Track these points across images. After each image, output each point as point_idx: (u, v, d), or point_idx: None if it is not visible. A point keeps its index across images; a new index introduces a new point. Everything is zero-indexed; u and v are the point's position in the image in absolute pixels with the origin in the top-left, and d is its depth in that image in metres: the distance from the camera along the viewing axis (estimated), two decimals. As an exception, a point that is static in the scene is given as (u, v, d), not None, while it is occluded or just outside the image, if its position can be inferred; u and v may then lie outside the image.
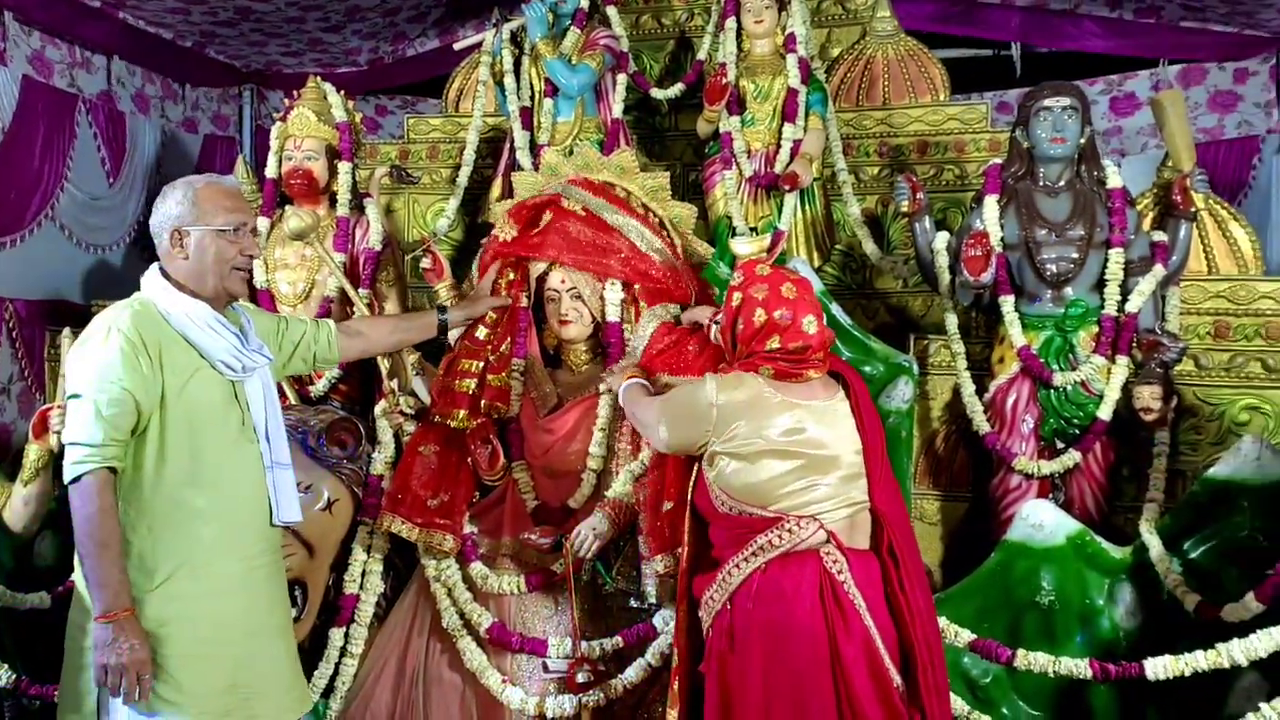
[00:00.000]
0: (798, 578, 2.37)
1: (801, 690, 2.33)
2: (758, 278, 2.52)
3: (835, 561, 2.39)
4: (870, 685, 2.33)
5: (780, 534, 2.39)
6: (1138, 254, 3.60)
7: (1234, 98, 5.41)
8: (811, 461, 2.42)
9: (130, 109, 5.88)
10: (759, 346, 2.47)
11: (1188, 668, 2.72)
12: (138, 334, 2.46)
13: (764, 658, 2.36)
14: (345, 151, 4.01)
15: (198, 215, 2.57)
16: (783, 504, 2.41)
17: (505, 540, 3.19)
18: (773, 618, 2.37)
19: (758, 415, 2.42)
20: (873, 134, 4.78)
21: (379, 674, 3.17)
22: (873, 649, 2.36)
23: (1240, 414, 3.70)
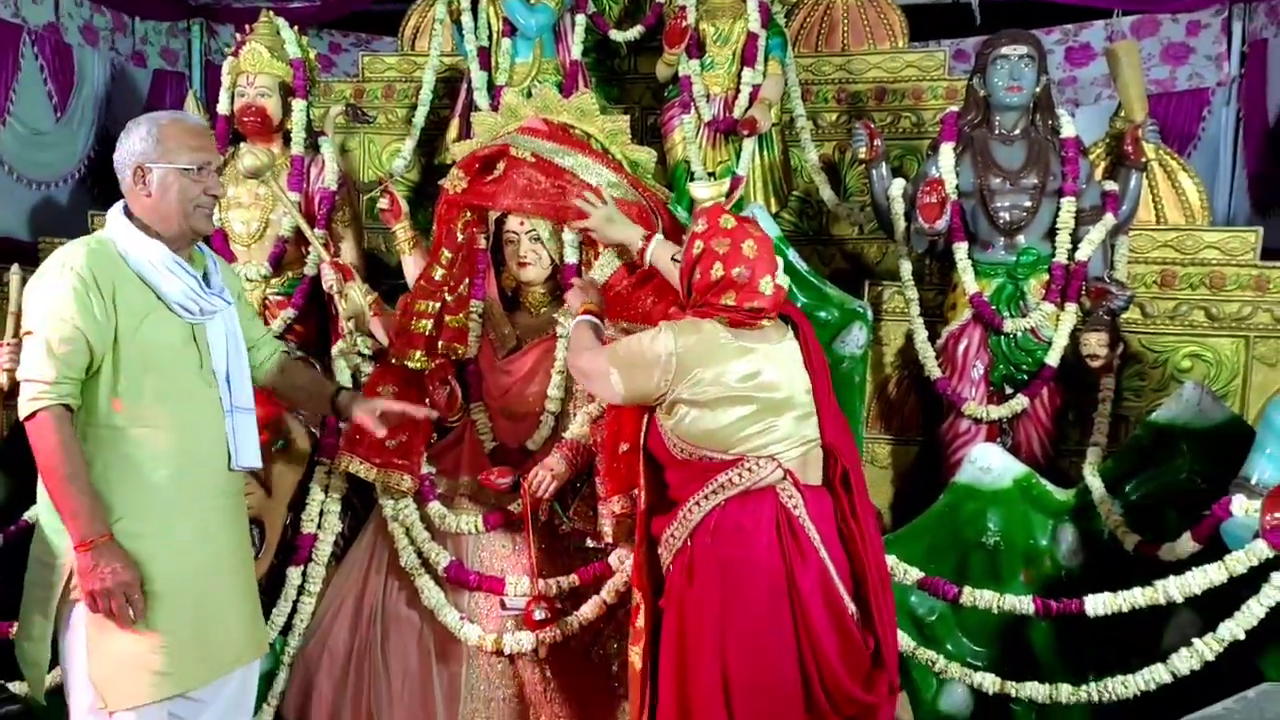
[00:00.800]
0: (755, 514, 2.42)
1: (758, 622, 2.39)
2: (721, 230, 2.50)
3: (791, 497, 2.43)
4: (826, 615, 2.39)
5: (740, 473, 2.43)
6: (1089, 203, 3.66)
7: (1186, 50, 5.46)
8: (768, 404, 2.46)
9: (78, 41, 5.70)
10: (714, 299, 2.48)
11: (1126, 604, 2.81)
12: (90, 273, 2.42)
13: (722, 591, 2.41)
14: (299, 88, 3.94)
15: (161, 152, 2.52)
16: (741, 447, 2.44)
17: (463, 480, 3.21)
18: (731, 553, 2.41)
19: (716, 361, 2.44)
20: (831, 80, 4.79)
21: (336, 612, 3.19)
22: (828, 580, 2.42)
23: (1183, 361, 3.81)
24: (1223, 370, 3.78)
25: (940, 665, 3.07)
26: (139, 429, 2.46)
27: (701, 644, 2.41)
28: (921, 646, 3.13)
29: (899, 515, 3.93)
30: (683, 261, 2.57)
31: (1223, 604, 2.76)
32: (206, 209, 2.59)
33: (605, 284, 3.06)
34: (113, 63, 5.97)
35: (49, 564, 2.46)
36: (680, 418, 2.47)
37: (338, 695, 3.13)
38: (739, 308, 2.47)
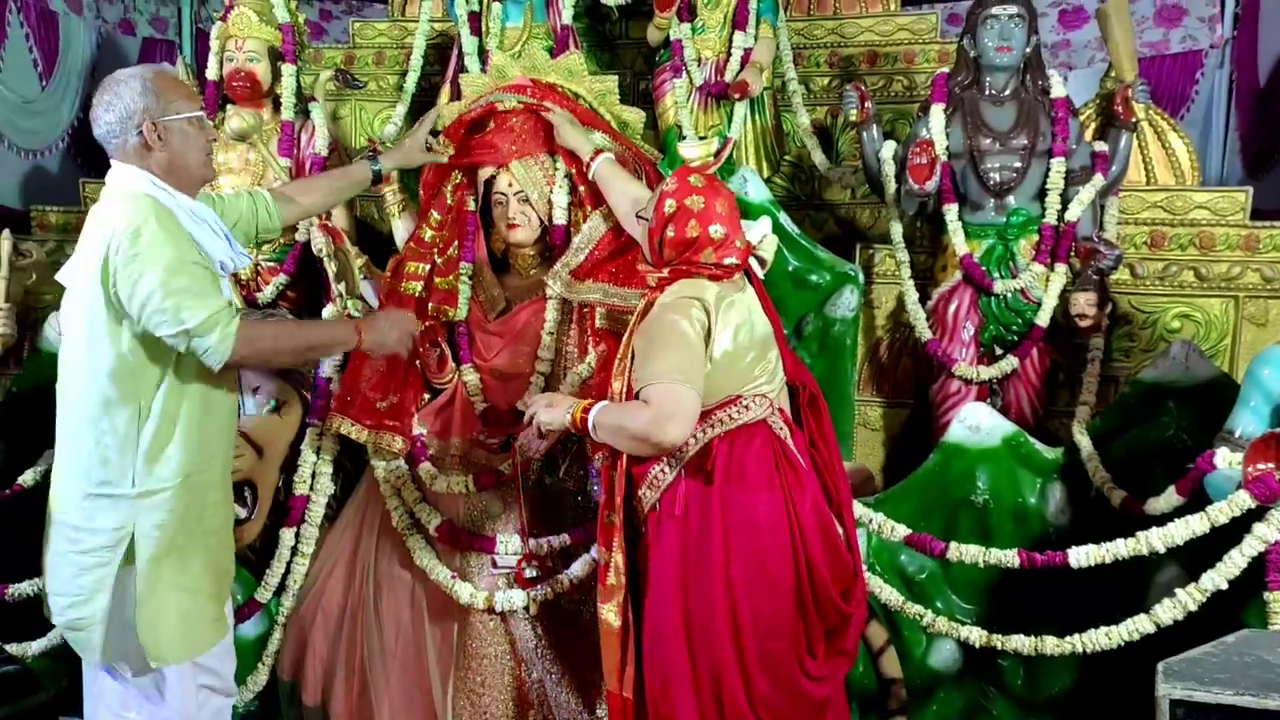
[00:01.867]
0: (750, 444, 2.47)
1: (763, 545, 2.43)
2: (693, 188, 2.52)
3: (781, 430, 2.52)
4: (819, 535, 2.49)
5: (735, 411, 2.47)
6: (1079, 163, 3.66)
7: (1180, 12, 5.45)
8: (760, 348, 2.52)
9: (63, 9, 5.66)
10: (693, 257, 2.51)
11: (1109, 555, 2.83)
12: (170, 220, 2.45)
13: (723, 517, 2.44)
14: (288, 53, 3.92)
15: (165, 105, 2.49)
16: (743, 388, 2.50)
17: (454, 441, 3.23)
18: (731, 480, 2.45)
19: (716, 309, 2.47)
20: (823, 44, 4.77)
21: (330, 572, 3.23)
22: (820, 502, 2.53)
23: (1172, 322, 3.82)
24: (1212, 330, 3.80)
25: (928, 620, 3.10)
26: (198, 383, 2.51)
27: (708, 567, 2.43)
28: (909, 602, 3.15)
29: (891, 477, 3.94)
30: (652, 220, 2.57)
31: (1208, 560, 2.78)
32: (211, 156, 2.64)
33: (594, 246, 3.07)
34: (99, 30, 5.93)
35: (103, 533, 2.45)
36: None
37: (332, 654, 3.17)
38: (718, 264, 2.49)
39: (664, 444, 2.38)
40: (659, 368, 2.38)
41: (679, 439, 2.39)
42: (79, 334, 2.49)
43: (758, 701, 2.44)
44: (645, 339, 2.46)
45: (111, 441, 2.44)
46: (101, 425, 2.44)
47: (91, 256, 2.43)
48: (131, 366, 2.44)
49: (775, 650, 2.45)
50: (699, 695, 2.45)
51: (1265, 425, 2.80)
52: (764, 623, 2.43)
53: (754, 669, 2.43)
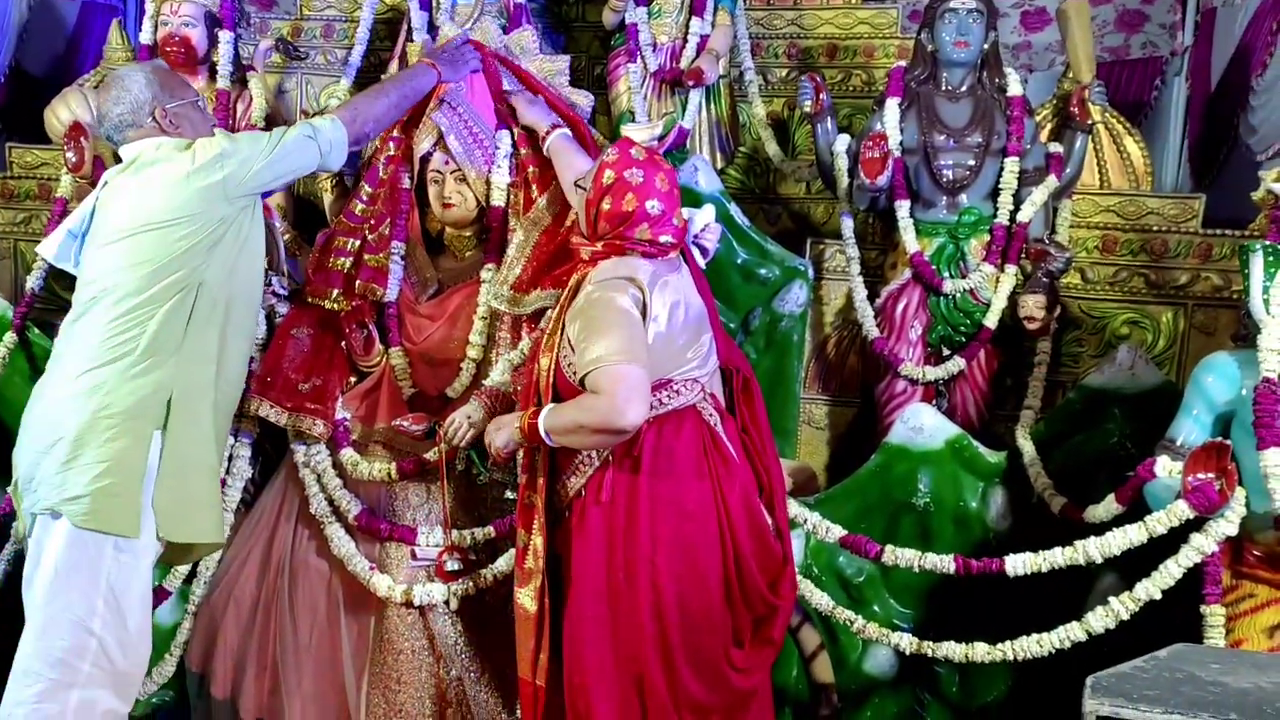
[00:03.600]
0: (679, 432, 2.43)
1: (690, 534, 2.40)
2: (633, 160, 2.46)
3: (711, 415, 2.48)
4: (746, 523, 2.46)
5: (666, 395, 2.42)
6: (1033, 164, 3.60)
7: (1141, 18, 5.40)
8: (694, 331, 2.47)
9: (-11, -31, 5.46)
10: (627, 232, 2.44)
11: (1046, 564, 2.78)
12: None
13: (652, 507, 2.39)
14: (227, 19, 3.82)
15: (171, 93, 2.79)
16: (672, 372, 2.44)
17: (378, 427, 3.12)
18: (659, 467, 2.41)
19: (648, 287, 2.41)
20: (782, 35, 4.69)
21: (244, 560, 3.11)
22: (750, 490, 2.50)
23: (1122, 328, 3.77)
24: (1160, 338, 3.75)
25: (859, 625, 3.03)
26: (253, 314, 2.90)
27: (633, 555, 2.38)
28: (840, 606, 3.09)
29: (835, 477, 3.86)
30: (590, 190, 2.50)
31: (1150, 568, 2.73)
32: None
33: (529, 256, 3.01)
34: None
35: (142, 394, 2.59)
36: None
37: (243, 645, 3.06)
38: (654, 240, 2.43)
39: (627, 429, 2.29)
40: (602, 351, 2.28)
41: (639, 420, 2.29)
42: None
43: (680, 693, 2.40)
44: (583, 322, 2.36)
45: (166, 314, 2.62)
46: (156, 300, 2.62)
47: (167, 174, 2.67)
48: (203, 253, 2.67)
49: (701, 642, 2.42)
50: (621, 686, 2.39)
51: (1207, 434, 2.75)
52: (690, 614, 2.41)
53: (679, 660, 2.39)
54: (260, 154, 2.73)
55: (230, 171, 2.67)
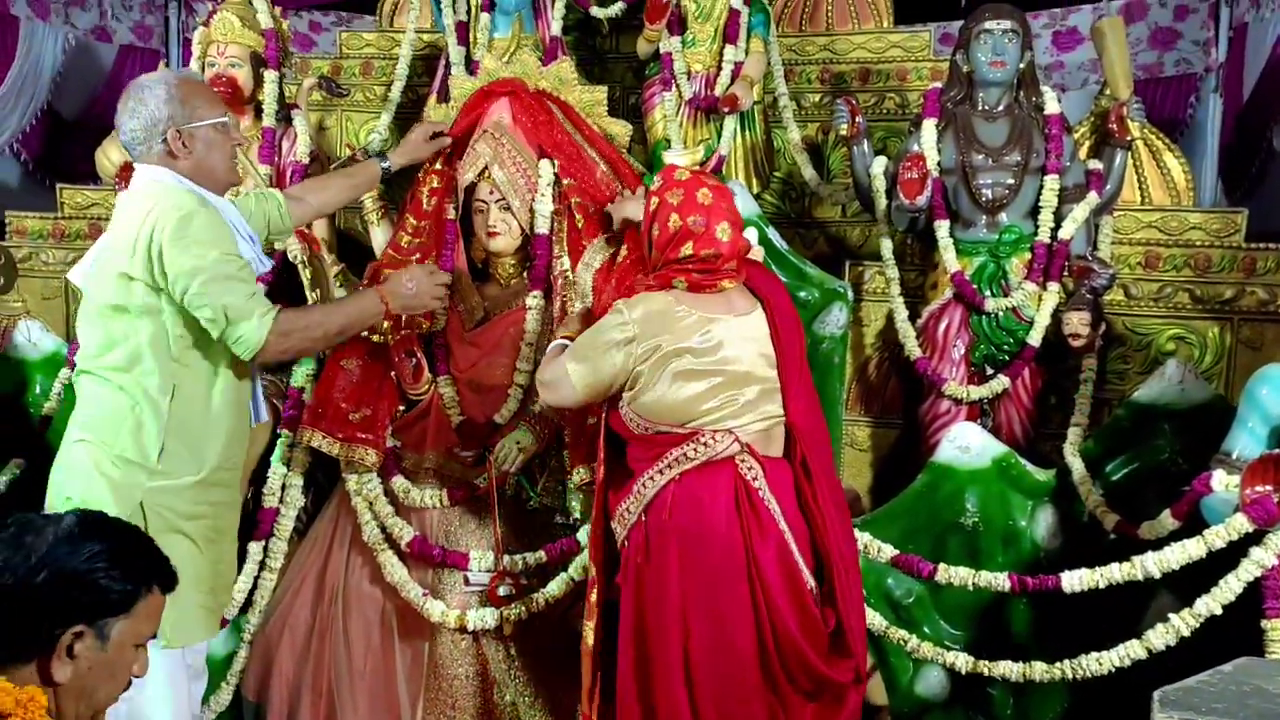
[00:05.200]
0: (713, 485, 2.36)
1: (718, 595, 2.33)
2: (675, 182, 2.46)
3: (750, 469, 2.38)
4: (785, 587, 2.34)
5: (695, 447, 2.37)
6: (1073, 181, 3.60)
7: (1174, 35, 5.41)
8: (729, 379, 2.39)
9: (26, 14, 5.59)
10: (672, 254, 2.42)
11: (1103, 580, 2.75)
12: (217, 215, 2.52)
13: (680, 565, 2.34)
14: (271, 59, 3.87)
15: (192, 111, 2.53)
16: (699, 421, 2.38)
17: (428, 454, 3.14)
18: (688, 526, 2.35)
19: (674, 331, 2.37)
20: (815, 60, 4.72)
21: (298, 588, 3.13)
22: (787, 552, 2.36)
23: (1167, 344, 3.75)
24: (1207, 353, 3.72)
25: (913, 645, 3.01)
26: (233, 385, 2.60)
27: (663, 619, 2.35)
28: (894, 626, 3.06)
29: (878, 499, 3.86)
30: (643, 222, 2.51)
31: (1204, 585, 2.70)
32: (235, 160, 2.67)
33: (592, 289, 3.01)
34: (69, 37, 5.85)
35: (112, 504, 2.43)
36: (639, 391, 2.40)
37: (298, 673, 3.07)
38: (696, 256, 2.40)
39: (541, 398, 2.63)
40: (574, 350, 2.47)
41: (546, 403, 2.64)
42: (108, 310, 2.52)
43: None
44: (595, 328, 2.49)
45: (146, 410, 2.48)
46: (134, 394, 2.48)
47: (129, 239, 2.45)
48: (167, 347, 2.49)
49: (734, 712, 2.32)
50: None
51: (1263, 447, 2.72)
52: (723, 685, 2.31)
53: None
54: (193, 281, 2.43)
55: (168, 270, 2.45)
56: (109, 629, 1.66)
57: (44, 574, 1.61)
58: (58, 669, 1.62)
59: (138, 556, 1.73)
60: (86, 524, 1.70)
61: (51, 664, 1.62)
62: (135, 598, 1.69)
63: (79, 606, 1.64)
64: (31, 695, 1.55)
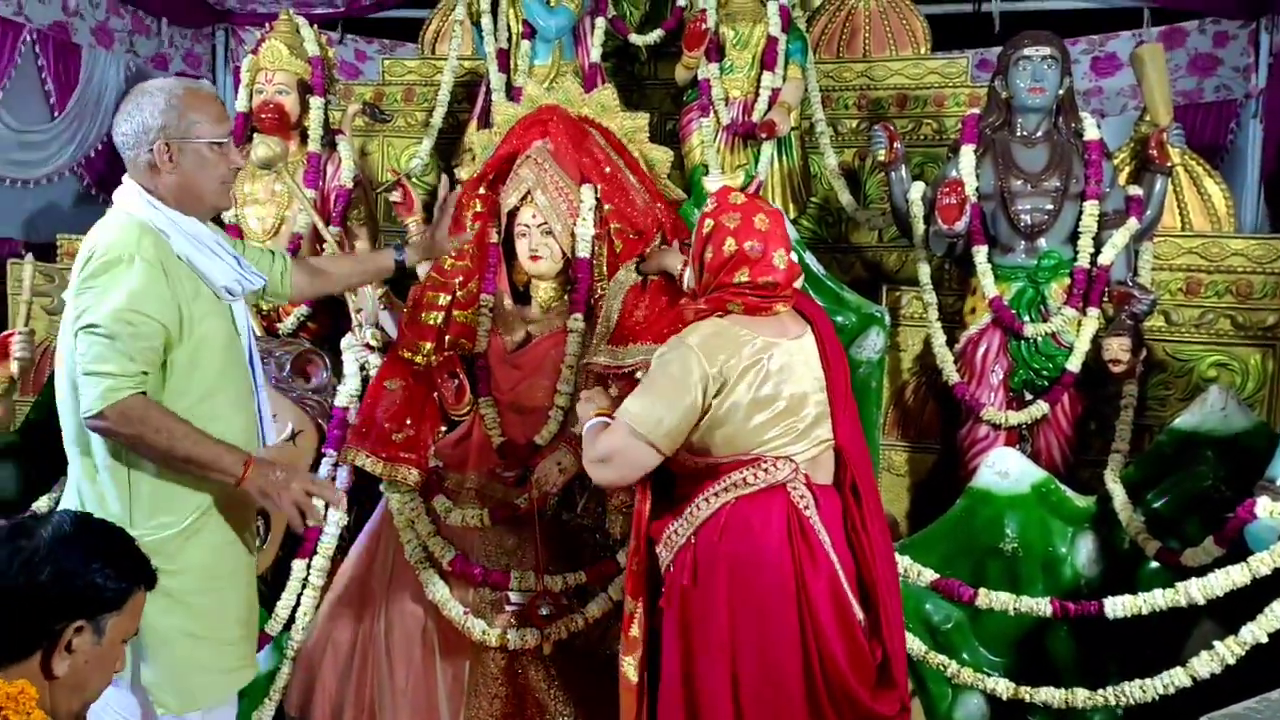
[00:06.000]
0: (766, 512, 2.32)
1: (767, 624, 2.29)
2: (731, 205, 2.42)
3: (802, 497, 2.34)
4: (834, 619, 2.30)
5: (755, 473, 2.32)
6: (1112, 207, 3.60)
7: (1214, 61, 5.40)
8: (789, 404, 2.35)
9: (89, 41, 5.75)
10: (727, 278, 2.38)
11: (1146, 606, 2.74)
12: (158, 260, 2.26)
13: (729, 591, 2.31)
14: (317, 86, 3.96)
15: (187, 126, 2.30)
16: (761, 448, 2.34)
17: (470, 474, 3.16)
18: (739, 551, 2.31)
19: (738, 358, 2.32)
20: (852, 86, 4.76)
21: (341, 606, 3.16)
22: (837, 583, 2.32)
23: (1209, 370, 3.74)
24: (1249, 380, 3.70)
25: (953, 670, 3.00)
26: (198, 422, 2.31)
27: (709, 642, 2.32)
28: (933, 651, 3.05)
29: (915, 524, 3.86)
30: (694, 244, 2.48)
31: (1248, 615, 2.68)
32: (229, 184, 2.44)
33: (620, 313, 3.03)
34: (129, 64, 6.01)
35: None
36: (707, 430, 2.34)
37: (341, 690, 3.09)
38: (753, 282, 2.36)
39: (598, 481, 2.47)
40: (631, 406, 2.35)
41: (608, 484, 2.50)
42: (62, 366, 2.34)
43: None
44: (655, 363, 2.39)
45: (107, 479, 2.31)
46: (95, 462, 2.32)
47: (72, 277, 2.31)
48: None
49: None
50: None
51: (1308, 474, 2.70)
52: (767, 700, 2.27)
53: None
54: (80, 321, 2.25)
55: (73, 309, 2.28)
56: (104, 624, 1.74)
57: (47, 571, 1.68)
58: (58, 663, 1.69)
59: (127, 555, 1.81)
60: (80, 524, 1.78)
61: (53, 658, 1.69)
62: (128, 594, 1.77)
63: (80, 602, 1.71)
64: (21, 688, 1.61)
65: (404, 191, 3.50)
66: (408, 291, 3.34)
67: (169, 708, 2.35)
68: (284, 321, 3.78)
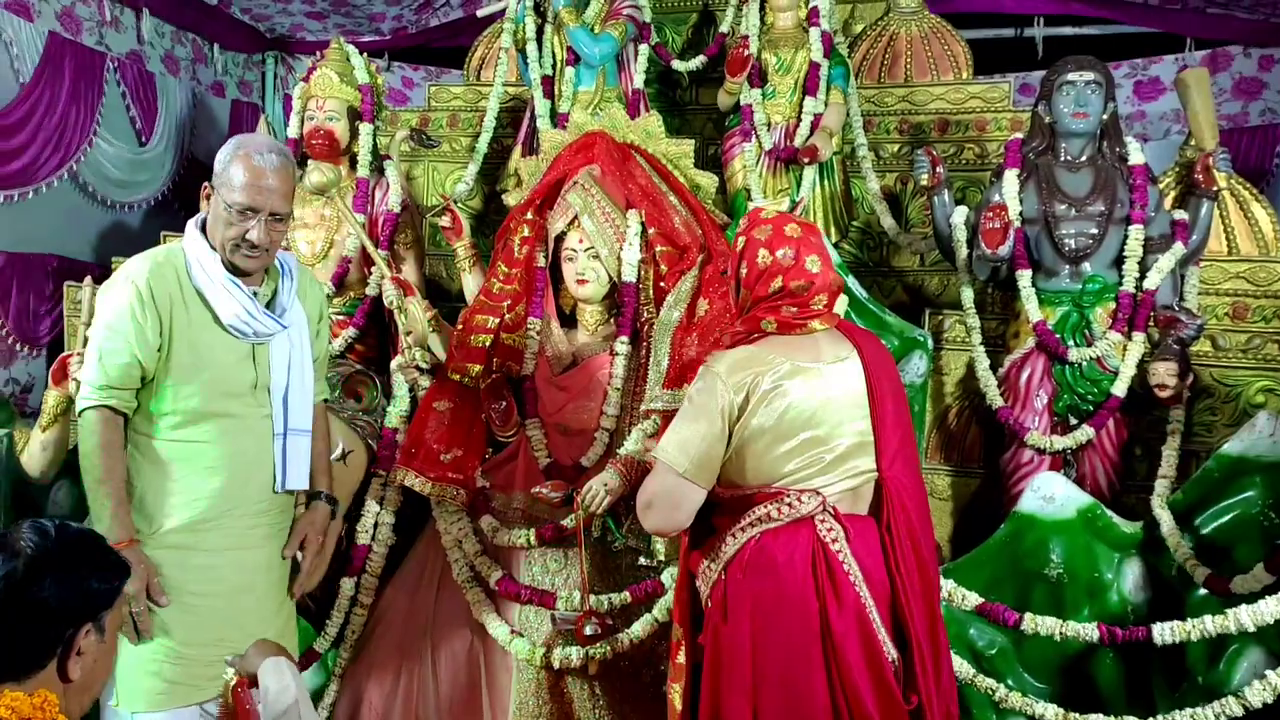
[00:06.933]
0: (790, 547, 2.25)
1: (791, 663, 2.23)
2: (761, 220, 2.41)
3: (830, 530, 2.26)
4: (862, 659, 2.22)
5: (780, 507, 2.26)
6: (1158, 231, 3.59)
7: (1258, 85, 5.37)
8: (816, 435, 2.27)
9: (160, 69, 5.92)
10: (762, 290, 2.33)
11: (1195, 633, 2.71)
12: (150, 288, 2.46)
13: (753, 629, 2.26)
14: (366, 113, 4.03)
15: (222, 181, 2.51)
16: (784, 481, 2.28)
17: (517, 495, 3.21)
18: (763, 588, 2.25)
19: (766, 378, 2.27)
20: (894, 111, 4.77)
21: (388, 624, 3.21)
22: (865, 620, 2.24)
23: (1257, 396, 3.69)
24: (1298, 406, 3.66)
25: (1000, 694, 2.98)
26: (182, 443, 2.49)
27: (733, 682, 2.27)
28: (981, 676, 3.03)
29: (958, 548, 3.82)
30: (730, 268, 2.46)
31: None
32: (245, 251, 2.52)
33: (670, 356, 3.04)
34: (193, 91, 6.18)
35: None
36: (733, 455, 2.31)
37: (387, 707, 3.13)
38: (786, 289, 2.31)
39: (648, 528, 2.37)
40: (666, 441, 2.31)
41: (656, 529, 2.37)
42: None
43: None
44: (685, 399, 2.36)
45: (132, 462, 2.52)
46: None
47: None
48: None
49: None
50: None
51: (1360, 501, 2.67)
52: None
53: None
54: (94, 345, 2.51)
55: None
56: (104, 621, 1.79)
57: (48, 582, 1.71)
58: (73, 667, 1.73)
59: (109, 551, 1.85)
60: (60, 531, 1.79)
61: (68, 663, 1.73)
62: (119, 589, 1.82)
63: (84, 607, 1.75)
64: (45, 698, 1.66)
65: (452, 216, 3.55)
66: (456, 314, 3.40)
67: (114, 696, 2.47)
68: (332, 344, 3.83)
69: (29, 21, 5.01)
